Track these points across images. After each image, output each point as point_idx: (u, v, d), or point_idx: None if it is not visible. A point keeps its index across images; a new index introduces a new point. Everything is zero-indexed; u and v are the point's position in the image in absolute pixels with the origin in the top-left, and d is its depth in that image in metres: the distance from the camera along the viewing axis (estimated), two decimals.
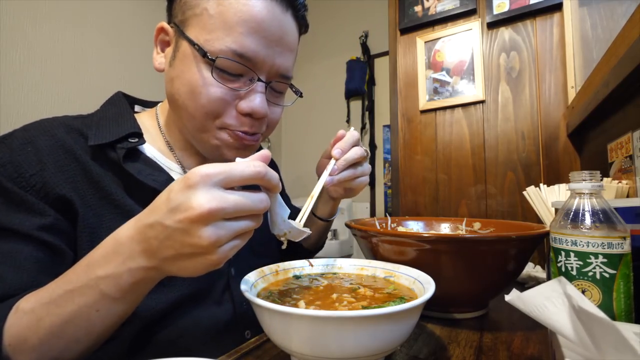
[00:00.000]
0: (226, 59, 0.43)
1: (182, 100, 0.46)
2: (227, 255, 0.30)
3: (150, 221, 0.30)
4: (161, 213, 0.29)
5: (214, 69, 0.43)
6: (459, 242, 0.41)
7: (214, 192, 0.28)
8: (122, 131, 0.46)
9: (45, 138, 0.43)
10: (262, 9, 0.43)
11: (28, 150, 0.41)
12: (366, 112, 2.52)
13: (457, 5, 1.32)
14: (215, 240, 0.28)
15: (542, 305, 0.25)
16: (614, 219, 0.32)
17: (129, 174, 0.44)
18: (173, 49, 0.47)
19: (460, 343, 0.39)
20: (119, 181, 0.45)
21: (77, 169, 0.43)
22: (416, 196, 1.39)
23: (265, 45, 0.44)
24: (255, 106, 0.45)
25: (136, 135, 0.47)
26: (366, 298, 0.35)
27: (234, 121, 0.46)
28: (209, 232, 0.27)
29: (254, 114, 0.46)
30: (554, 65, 1.15)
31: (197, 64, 0.44)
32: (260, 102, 0.45)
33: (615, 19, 0.91)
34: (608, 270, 0.31)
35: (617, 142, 0.62)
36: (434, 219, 0.67)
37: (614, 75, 0.57)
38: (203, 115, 0.45)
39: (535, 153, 1.17)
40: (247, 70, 0.45)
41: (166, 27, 0.48)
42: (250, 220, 0.31)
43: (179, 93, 0.46)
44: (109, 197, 0.43)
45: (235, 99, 0.45)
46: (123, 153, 0.44)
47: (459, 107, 1.31)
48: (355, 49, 2.57)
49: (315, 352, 0.27)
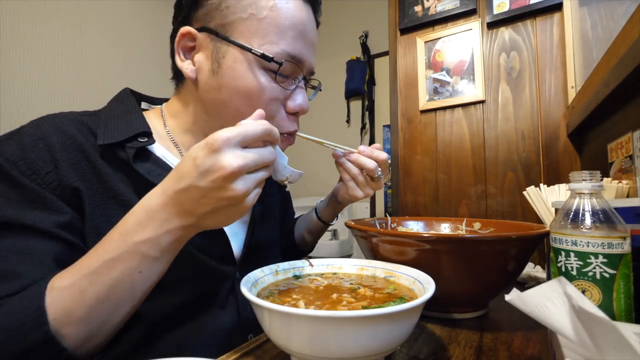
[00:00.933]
0: (287, 62, 0.45)
1: (236, 107, 0.46)
2: (253, 201, 0.35)
3: (182, 186, 0.33)
4: (192, 177, 0.32)
5: (261, 67, 0.45)
6: (459, 242, 0.41)
7: (237, 152, 0.32)
8: (132, 130, 0.45)
9: (57, 135, 0.42)
10: (305, 13, 0.47)
11: (40, 147, 0.41)
12: (366, 112, 2.52)
13: (457, 5, 1.32)
14: (245, 190, 0.33)
15: (542, 305, 0.25)
16: (614, 219, 0.32)
17: (139, 174, 0.44)
18: (212, 56, 0.45)
19: (460, 343, 0.39)
20: (129, 181, 0.45)
21: (87, 167, 0.43)
22: (416, 196, 1.39)
23: (308, 47, 0.48)
24: (303, 103, 0.49)
25: (145, 135, 0.46)
26: (366, 298, 0.35)
27: (284, 123, 0.49)
28: (239, 185, 0.32)
29: (301, 111, 0.50)
30: (554, 65, 1.15)
31: (253, 69, 0.44)
32: (305, 99, 0.50)
33: (615, 19, 0.91)
34: (608, 270, 0.31)
35: (617, 142, 0.62)
36: (434, 219, 0.67)
37: (614, 75, 0.57)
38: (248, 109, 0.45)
39: (536, 153, 1.17)
40: (296, 71, 0.48)
41: (193, 33, 0.46)
42: (265, 170, 0.36)
43: (231, 101, 0.46)
44: (117, 197, 0.43)
45: (284, 99, 0.48)
46: (133, 153, 0.44)
47: (459, 107, 1.31)
48: (355, 49, 2.57)
49: (315, 352, 0.27)
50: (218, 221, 0.36)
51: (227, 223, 0.36)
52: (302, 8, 0.47)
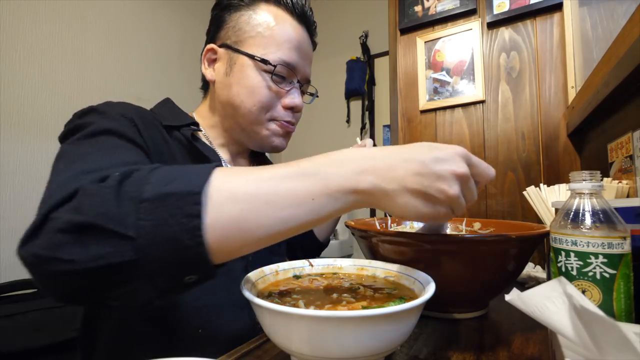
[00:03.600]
0: (281, 66, 0.58)
1: (241, 99, 0.58)
2: (455, 210, 0.34)
3: (406, 156, 0.33)
4: (424, 156, 0.33)
5: (262, 70, 0.58)
6: (459, 242, 0.41)
7: (466, 166, 0.35)
8: (185, 120, 0.58)
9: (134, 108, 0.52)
10: (299, 32, 0.61)
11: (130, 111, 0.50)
12: (366, 112, 2.52)
13: (457, 5, 1.32)
14: (459, 195, 0.33)
15: (543, 305, 0.25)
16: (614, 219, 0.32)
17: (196, 150, 0.55)
18: (227, 63, 0.60)
19: (460, 343, 0.39)
20: (188, 155, 0.56)
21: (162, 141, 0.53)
22: None
23: (301, 58, 0.61)
24: (297, 101, 0.62)
25: (195, 124, 0.59)
26: (366, 298, 0.35)
27: (280, 113, 0.61)
28: (458, 187, 0.33)
29: (295, 107, 0.62)
30: (554, 65, 1.15)
31: (257, 71, 0.58)
32: (299, 98, 0.63)
33: (615, 19, 0.91)
34: (608, 270, 0.31)
35: (617, 142, 0.62)
36: None
37: (614, 75, 0.57)
38: (259, 109, 0.59)
39: (536, 153, 1.17)
40: (290, 75, 0.61)
41: (215, 48, 0.61)
42: (473, 195, 0.37)
43: (238, 94, 0.58)
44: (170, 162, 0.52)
45: (280, 97, 0.61)
46: (189, 133, 0.56)
47: (459, 107, 1.31)
48: (355, 49, 2.57)
49: (315, 352, 0.27)
50: (408, 206, 0.32)
51: (413, 216, 0.34)
52: (297, 29, 0.61)
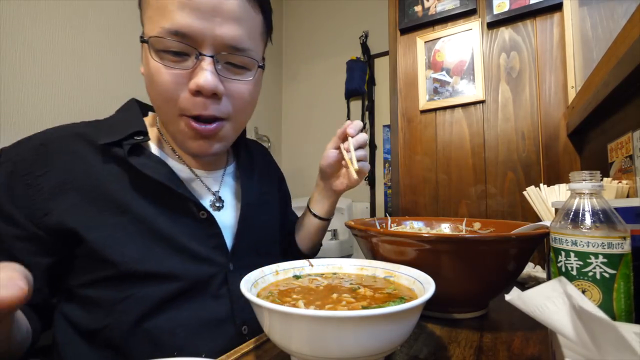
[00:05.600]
0: (159, 38, 0.43)
1: (149, 94, 0.48)
2: None
3: None
4: None
5: (153, 51, 0.44)
6: (459, 242, 0.41)
7: None
8: (128, 130, 0.49)
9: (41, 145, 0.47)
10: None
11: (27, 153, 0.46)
12: (366, 112, 2.52)
13: (457, 5, 1.32)
14: None
15: (543, 305, 0.25)
16: (614, 219, 0.32)
17: (134, 168, 0.47)
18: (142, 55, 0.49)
19: (460, 343, 0.39)
20: (125, 175, 0.48)
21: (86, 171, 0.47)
22: (416, 196, 1.39)
23: (199, 18, 0.43)
24: (201, 81, 0.43)
25: (141, 134, 0.50)
26: (366, 298, 0.35)
27: (187, 104, 0.46)
28: None
29: (202, 91, 0.44)
30: (554, 65, 1.15)
31: (148, 56, 0.45)
32: (206, 77, 0.44)
33: (615, 19, 0.91)
34: (608, 270, 0.31)
35: (617, 142, 0.62)
36: (434, 219, 0.67)
37: (614, 75, 0.57)
38: (164, 104, 0.46)
39: (535, 153, 1.17)
40: (188, 48, 0.44)
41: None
42: None
43: (147, 89, 0.48)
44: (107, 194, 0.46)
45: (188, 80, 0.45)
46: (128, 148, 0.47)
47: (459, 107, 1.31)
48: (355, 49, 2.57)
49: (315, 352, 0.27)
50: None
51: None
52: None
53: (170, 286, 0.46)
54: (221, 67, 0.46)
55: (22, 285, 0.29)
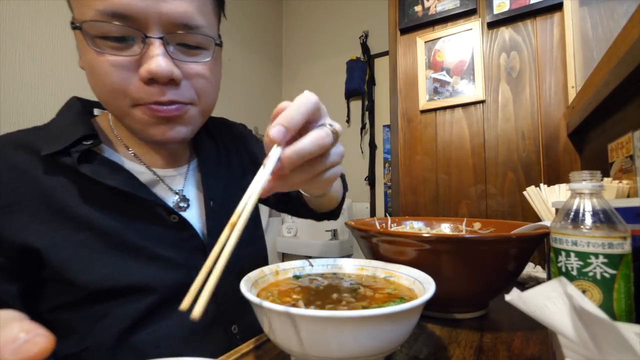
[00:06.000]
0: (94, 22, 0.37)
1: (93, 89, 0.42)
2: None
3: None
4: None
5: (89, 39, 0.38)
6: (459, 242, 0.41)
7: None
8: (75, 135, 0.43)
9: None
10: None
11: None
12: (366, 112, 2.52)
13: (457, 5, 1.32)
14: None
15: (543, 305, 0.25)
16: (615, 219, 0.32)
17: (87, 177, 0.42)
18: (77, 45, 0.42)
19: (460, 343, 0.39)
20: (79, 186, 0.43)
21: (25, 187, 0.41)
22: (416, 196, 1.39)
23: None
24: (153, 67, 0.38)
25: (91, 138, 0.44)
26: (366, 298, 0.35)
27: (141, 94, 0.40)
28: None
29: (156, 78, 0.39)
30: (554, 65, 1.15)
31: (84, 45, 0.39)
32: (158, 62, 0.39)
33: (615, 19, 0.91)
34: (608, 271, 0.31)
35: (617, 142, 0.62)
36: (434, 219, 0.67)
37: (614, 75, 0.57)
38: (111, 97, 0.41)
39: (536, 153, 1.17)
40: (132, 31, 0.38)
41: None
42: None
43: (90, 84, 0.42)
44: (62, 210, 0.41)
45: (136, 68, 0.40)
46: (77, 156, 0.42)
47: (459, 107, 1.31)
48: (355, 49, 2.57)
49: (315, 352, 0.27)
50: None
51: None
52: None
53: (148, 299, 0.43)
54: (174, 50, 0.41)
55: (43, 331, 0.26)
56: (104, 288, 0.41)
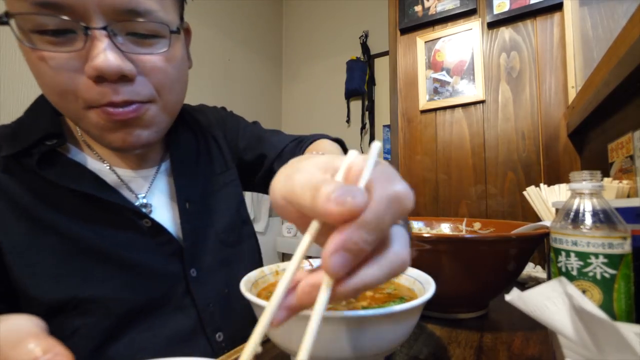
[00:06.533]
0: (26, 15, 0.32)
1: (42, 90, 0.38)
2: None
3: None
4: None
5: (23, 34, 0.34)
6: (459, 242, 0.41)
7: None
8: (36, 135, 0.39)
9: None
10: None
11: None
12: (366, 112, 2.52)
13: (457, 5, 1.32)
14: None
15: (543, 305, 0.25)
16: (615, 219, 0.32)
17: (48, 181, 0.39)
18: None
19: (460, 343, 0.39)
20: (43, 190, 0.40)
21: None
22: (416, 196, 1.38)
23: None
24: (99, 63, 0.33)
25: (55, 137, 0.40)
26: (366, 298, 0.35)
27: (92, 94, 0.35)
28: None
29: (103, 74, 0.34)
30: (555, 65, 1.15)
31: (22, 43, 0.35)
32: (105, 57, 0.33)
33: (615, 19, 0.91)
34: (609, 271, 0.31)
35: (617, 142, 0.62)
36: (434, 219, 0.67)
37: (614, 75, 0.57)
38: (62, 100, 0.36)
39: (536, 153, 1.17)
40: (70, 23, 0.33)
41: None
42: None
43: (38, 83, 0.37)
44: (27, 211, 0.39)
45: (82, 63, 0.35)
46: (37, 158, 0.38)
47: (459, 107, 1.31)
48: (355, 49, 2.57)
49: (315, 352, 0.27)
50: None
51: None
52: None
53: (123, 308, 0.40)
54: (123, 40, 0.36)
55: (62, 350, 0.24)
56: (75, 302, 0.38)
